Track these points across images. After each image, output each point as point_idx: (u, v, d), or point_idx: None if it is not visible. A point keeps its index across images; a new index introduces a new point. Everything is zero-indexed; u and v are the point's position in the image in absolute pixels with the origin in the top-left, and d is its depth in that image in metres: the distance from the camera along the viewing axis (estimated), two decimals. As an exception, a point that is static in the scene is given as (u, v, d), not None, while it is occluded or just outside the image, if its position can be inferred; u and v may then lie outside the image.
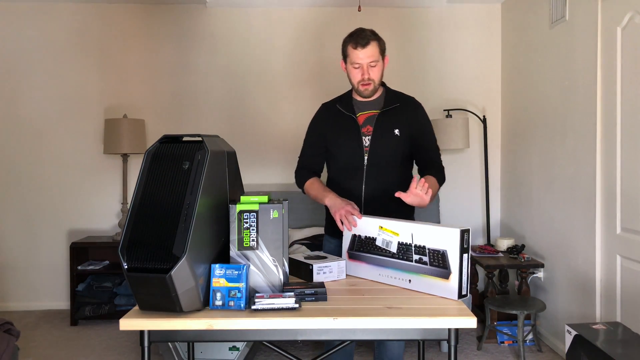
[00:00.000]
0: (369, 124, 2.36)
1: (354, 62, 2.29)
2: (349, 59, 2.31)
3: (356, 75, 2.31)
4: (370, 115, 2.37)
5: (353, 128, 2.36)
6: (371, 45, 2.26)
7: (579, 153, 3.22)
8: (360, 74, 2.30)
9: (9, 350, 2.41)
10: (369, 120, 2.37)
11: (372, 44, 2.26)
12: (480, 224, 4.57)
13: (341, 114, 2.39)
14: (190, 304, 1.62)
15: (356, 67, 2.30)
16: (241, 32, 4.53)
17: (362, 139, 2.35)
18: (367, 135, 2.35)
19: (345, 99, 2.44)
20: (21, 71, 4.48)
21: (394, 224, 1.97)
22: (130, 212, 1.66)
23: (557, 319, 3.52)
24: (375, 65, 2.29)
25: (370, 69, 2.29)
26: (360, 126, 2.36)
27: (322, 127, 2.44)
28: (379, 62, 2.31)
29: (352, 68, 2.31)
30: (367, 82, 2.30)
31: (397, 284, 1.96)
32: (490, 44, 4.53)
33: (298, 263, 2.10)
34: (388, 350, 2.46)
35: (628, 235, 2.79)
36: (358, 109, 2.39)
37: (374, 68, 2.30)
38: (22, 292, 4.52)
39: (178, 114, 4.54)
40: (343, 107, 2.40)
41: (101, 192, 4.54)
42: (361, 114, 2.38)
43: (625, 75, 2.79)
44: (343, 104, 2.41)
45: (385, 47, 2.35)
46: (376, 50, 2.28)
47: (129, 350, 3.59)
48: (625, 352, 2.04)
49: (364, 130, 2.36)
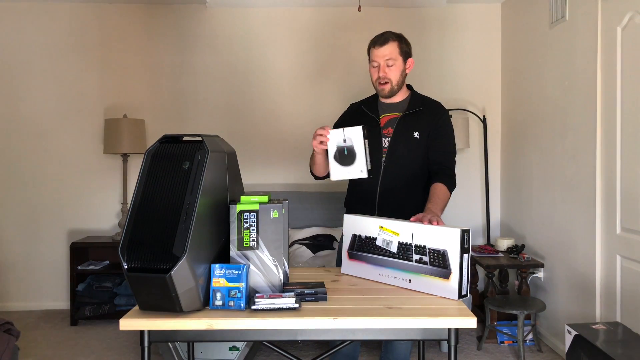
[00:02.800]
0: (390, 126, 2.38)
1: (372, 61, 2.34)
2: (370, 58, 2.35)
3: (374, 73, 2.35)
4: (392, 118, 2.39)
5: (374, 129, 2.37)
6: (389, 45, 2.29)
7: (579, 153, 3.22)
8: (377, 72, 2.33)
9: (9, 350, 2.41)
10: (390, 123, 2.39)
11: (390, 43, 2.30)
12: (480, 224, 4.57)
13: (365, 114, 2.42)
14: (190, 304, 1.62)
15: (375, 65, 2.34)
16: (241, 32, 4.53)
17: (382, 140, 2.36)
18: (387, 137, 2.37)
19: (371, 101, 2.48)
20: (21, 71, 4.48)
21: (394, 224, 1.97)
22: (130, 212, 1.66)
23: (557, 319, 3.52)
24: (392, 64, 2.31)
25: (386, 68, 2.31)
26: (382, 127, 2.38)
27: (342, 125, 2.44)
28: (397, 62, 2.32)
29: (371, 67, 2.36)
30: (384, 80, 2.32)
31: (397, 284, 1.96)
32: (490, 44, 4.53)
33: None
34: (395, 351, 2.46)
35: (628, 235, 2.79)
36: (382, 111, 2.42)
37: (391, 68, 2.31)
38: (22, 292, 4.52)
39: (178, 114, 4.54)
40: (367, 108, 2.44)
41: (101, 192, 4.54)
42: (384, 116, 2.41)
43: (626, 75, 2.79)
44: (368, 106, 2.45)
45: (410, 51, 2.38)
46: (395, 49, 2.30)
47: (129, 350, 3.59)
48: (625, 352, 2.04)
49: (385, 132, 2.38)
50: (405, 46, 2.35)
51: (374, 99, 2.47)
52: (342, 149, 2.11)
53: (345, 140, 2.11)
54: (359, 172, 2.09)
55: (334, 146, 2.13)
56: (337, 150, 2.12)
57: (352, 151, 2.09)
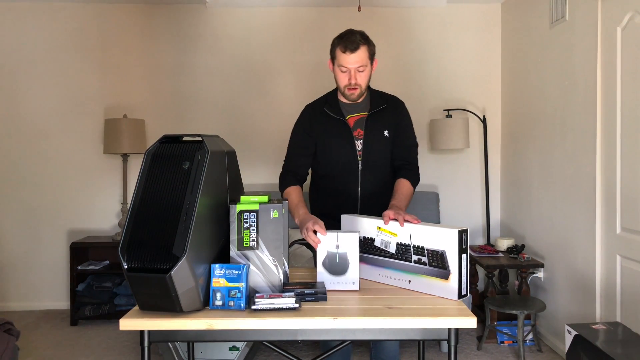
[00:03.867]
0: (359, 127, 2.34)
1: (341, 66, 2.23)
2: (337, 62, 2.24)
3: (343, 79, 2.26)
4: (359, 118, 2.35)
5: (345, 132, 2.33)
6: (360, 50, 2.19)
7: (579, 153, 3.22)
8: (347, 78, 2.24)
9: (9, 350, 2.41)
10: (358, 124, 2.35)
11: (361, 48, 2.19)
12: (480, 224, 4.57)
13: (330, 117, 2.34)
14: (190, 304, 1.62)
15: (344, 70, 2.24)
16: (241, 31, 4.53)
17: (355, 143, 2.33)
18: (358, 139, 2.33)
19: (331, 101, 2.37)
20: (21, 71, 4.48)
21: (392, 225, 1.97)
22: (130, 212, 1.66)
23: (557, 319, 3.52)
24: (363, 70, 2.23)
25: (357, 74, 2.23)
26: (352, 129, 2.34)
27: (310, 129, 2.38)
28: (367, 67, 2.25)
29: (339, 71, 2.25)
30: (353, 87, 2.25)
31: (397, 285, 1.96)
32: (490, 44, 4.53)
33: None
34: (385, 349, 2.46)
35: (628, 235, 2.79)
36: (346, 112, 2.35)
37: (362, 73, 2.23)
38: (22, 292, 4.52)
39: (178, 113, 4.54)
40: (331, 111, 2.34)
41: (101, 192, 4.54)
42: (350, 117, 2.35)
43: (625, 75, 2.79)
44: (330, 107, 2.35)
45: (375, 51, 2.29)
46: (365, 55, 2.21)
47: (129, 350, 3.59)
48: (625, 352, 2.04)
49: (355, 133, 2.34)
50: (372, 48, 2.26)
51: (334, 100, 2.37)
52: (334, 255, 1.90)
53: (337, 247, 1.90)
54: (350, 285, 1.89)
55: (324, 251, 1.91)
56: (328, 257, 1.91)
57: (344, 259, 1.90)
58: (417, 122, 4.53)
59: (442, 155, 4.55)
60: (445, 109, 4.37)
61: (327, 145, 2.36)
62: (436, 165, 4.55)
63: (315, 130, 2.37)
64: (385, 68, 4.46)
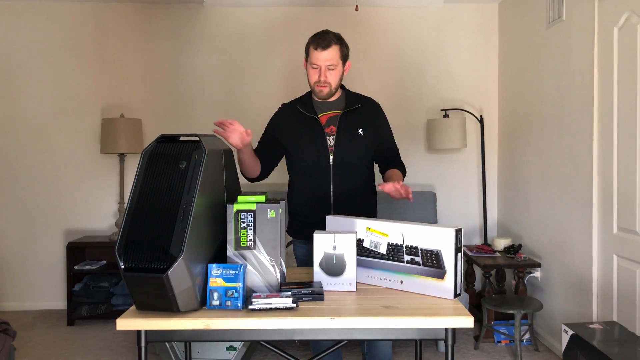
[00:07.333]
0: (332, 124, 2.38)
1: (312, 63, 2.31)
2: (309, 59, 2.32)
3: (313, 75, 2.33)
4: (332, 116, 2.39)
5: (317, 129, 2.37)
6: (332, 49, 2.27)
7: (575, 153, 3.23)
8: (317, 75, 2.31)
9: (5, 350, 2.41)
10: (331, 121, 2.38)
11: (332, 47, 2.28)
12: (477, 224, 4.58)
13: (302, 115, 2.39)
14: (187, 303, 1.62)
15: (314, 67, 2.31)
16: (238, 31, 4.52)
17: (327, 139, 2.36)
18: (331, 135, 2.36)
19: (305, 100, 2.44)
20: (18, 70, 4.47)
21: (382, 225, 1.94)
22: (127, 212, 1.66)
23: (554, 318, 3.53)
24: (333, 69, 2.30)
25: (327, 71, 2.30)
26: (324, 126, 2.37)
27: (280, 128, 2.45)
28: (338, 67, 2.32)
29: (310, 68, 2.33)
30: (323, 84, 2.31)
31: (387, 286, 1.94)
32: (488, 44, 4.53)
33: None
34: (378, 349, 2.47)
35: (624, 234, 2.79)
36: (320, 110, 2.40)
37: (332, 71, 2.31)
38: (18, 292, 4.51)
39: (175, 113, 4.54)
40: (304, 109, 2.39)
41: (98, 191, 4.53)
42: (323, 115, 2.39)
43: (622, 75, 2.79)
44: (304, 105, 2.41)
45: (348, 53, 2.37)
46: (336, 54, 2.29)
47: (126, 350, 3.59)
48: (622, 351, 2.05)
49: (327, 130, 2.37)
50: (345, 49, 2.34)
51: (308, 99, 2.43)
52: (331, 256, 1.90)
53: (334, 247, 1.90)
54: (347, 286, 1.89)
55: (321, 252, 1.90)
56: (325, 258, 1.90)
57: (341, 260, 1.89)
58: (414, 122, 4.57)
59: (440, 155, 4.56)
60: (442, 109, 4.38)
61: (298, 143, 2.41)
62: (433, 165, 4.55)
63: (285, 128, 2.44)
64: (382, 68, 4.46)
